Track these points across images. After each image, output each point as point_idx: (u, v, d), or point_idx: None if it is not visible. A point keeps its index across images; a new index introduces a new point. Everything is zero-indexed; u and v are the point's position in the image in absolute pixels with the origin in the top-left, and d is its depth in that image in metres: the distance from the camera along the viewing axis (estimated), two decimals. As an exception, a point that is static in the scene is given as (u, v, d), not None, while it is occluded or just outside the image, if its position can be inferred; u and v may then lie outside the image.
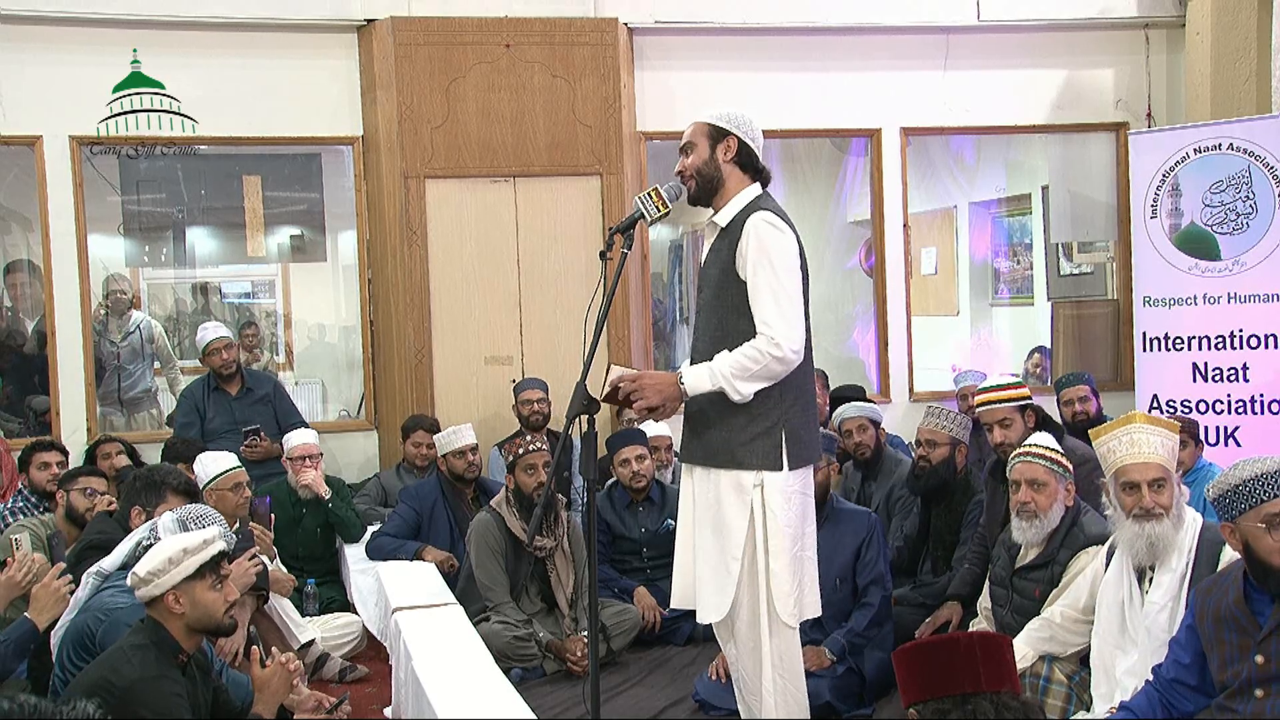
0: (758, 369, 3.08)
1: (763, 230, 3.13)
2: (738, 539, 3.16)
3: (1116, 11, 7.19)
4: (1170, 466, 3.26)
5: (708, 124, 3.28)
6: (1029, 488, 3.75)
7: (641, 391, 3.17)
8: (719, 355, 3.13)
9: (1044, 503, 3.72)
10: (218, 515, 3.61)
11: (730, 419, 3.17)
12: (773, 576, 3.16)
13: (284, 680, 3.32)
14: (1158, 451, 3.25)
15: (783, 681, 3.21)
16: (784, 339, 3.07)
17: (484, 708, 3.22)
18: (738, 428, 3.17)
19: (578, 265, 6.49)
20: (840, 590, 4.29)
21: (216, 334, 6.11)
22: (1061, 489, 3.76)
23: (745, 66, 6.94)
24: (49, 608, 3.43)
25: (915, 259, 7.98)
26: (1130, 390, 6.55)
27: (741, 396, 3.10)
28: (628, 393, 3.18)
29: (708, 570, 3.22)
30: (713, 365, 3.13)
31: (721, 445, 3.19)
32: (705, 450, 3.24)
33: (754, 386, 3.10)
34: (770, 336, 3.07)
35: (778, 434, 3.17)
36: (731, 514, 3.17)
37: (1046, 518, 3.73)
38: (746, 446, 3.16)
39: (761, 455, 3.16)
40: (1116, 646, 3.28)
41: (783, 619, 3.17)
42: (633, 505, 5.33)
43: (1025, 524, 3.76)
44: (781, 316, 3.08)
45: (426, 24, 6.36)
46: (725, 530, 3.18)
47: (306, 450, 5.59)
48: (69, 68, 6.21)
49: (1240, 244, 6.03)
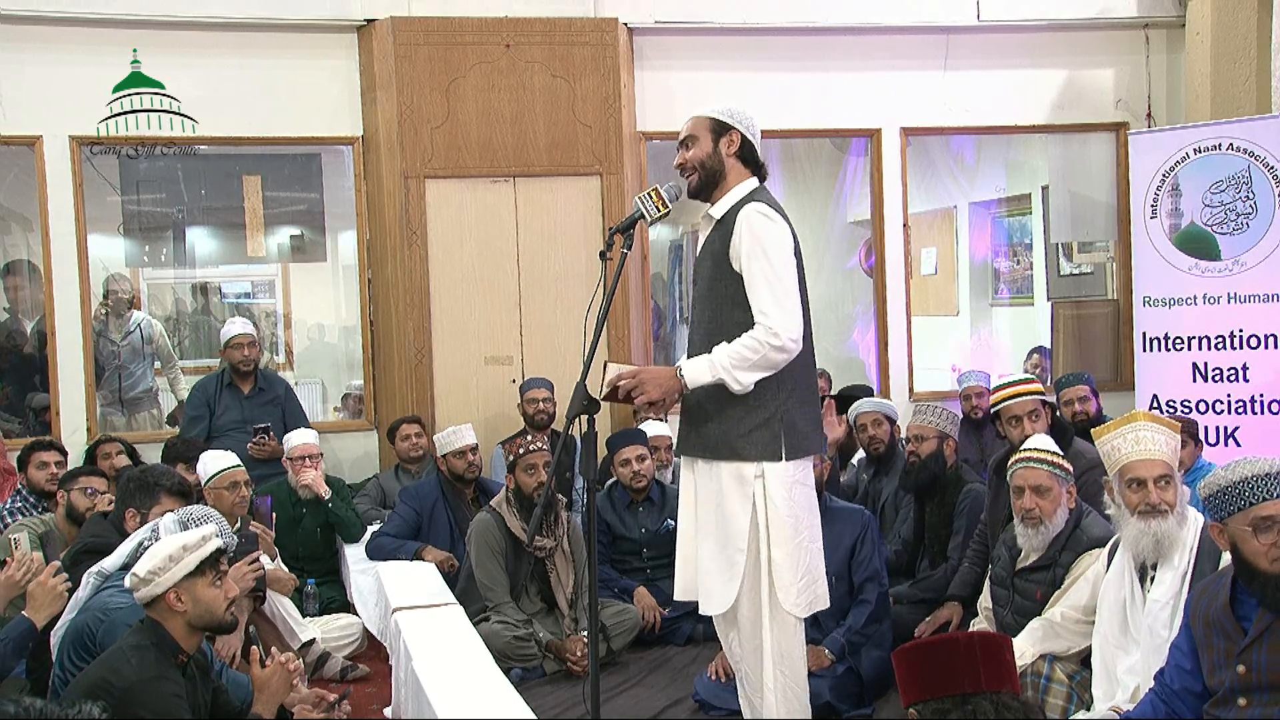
0: (757, 358, 3.08)
1: (755, 221, 3.14)
2: (741, 530, 3.17)
3: (1116, 11, 7.19)
4: (1174, 464, 3.27)
5: (710, 118, 3.29)
6: (1033, 494, 3.71)
7: (642, 387, 3.16)
8: (718, 347, 3.13)
9: (1048, 508, 3.69)
10: (219, 516, 3.61)
11: (728, 411, 3.18)
12: (774, 566, 3.17)
13: (283, 680, 3.31)
14: (1162, 449, 3.25)
15: (784, 677, 3.21)
16: (782, 328, 3.07)
17: (484, 708, 3.22)
18: (736, 419, 3.17)
19: (578, 265, 6.49)
20: (836, 589, 4.27)
21: (242, 329, 6.17)
22: (1064, 492, 3.75)
23: (745, 66, 6.94)
24: (46, 605, 3.43)
25: (915, 259, 7.98)
26: (1130, 390, 6.55)
27: (742, 387, 3.10)
28: (628, 389, 3.17)
29: (711, 562, 3.23)
30: (712, 357, 3.13)
31: (720, 438, 3.20)
32: (704, 443, 3.24)
33: (754, 376, 3.11)
34: (768, 326, 3.07)
35: (776, 425, 3.18)
36: (734, 506, 3.18)
37: (1051, 523, 3.70)
38: (745, 438, 3.17)
39: (761, 446, 3.17)
40: (1118, 646, 3.28)
41: (786, 609, 3.17)
42: (633, 505, 5.33)
43: (1031, 531, 3.72)
44: (779, 305, 3.08)
45: (426, 24, 6.36)
46: (728, 522, 3.19)
47: (307, 450, 5.60)
48: (69, 68, 6.21)
49: (1240, 244, 6.03)
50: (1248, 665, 2.72)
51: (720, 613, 3.26)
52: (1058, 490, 3.71)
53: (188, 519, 3.49)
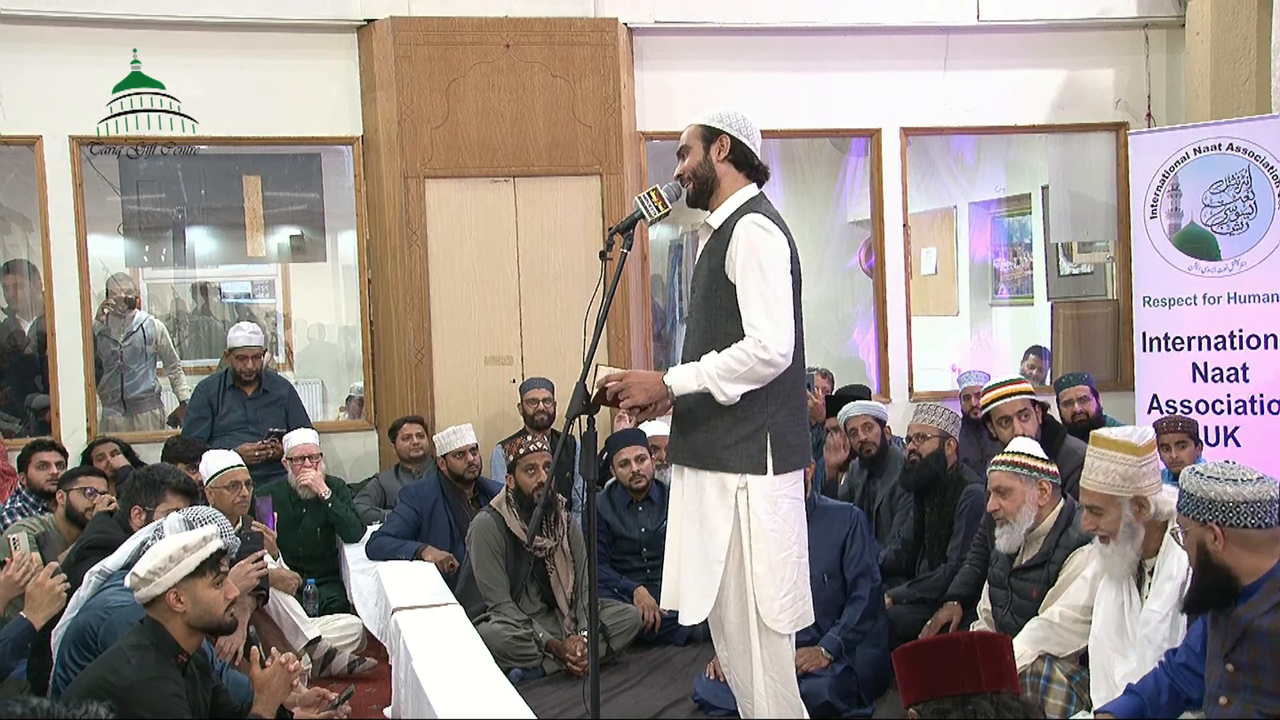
0: (744, 370, 3.07)
1: (753, 233, 3.12)
2: (721, 541, 3.16)
3: (1116, 11, 7.19)
4: (1117, 490, 3.25)
5: (700, 125, 3.29)
6: (996, 495, 3.86)
7: (628, 390, 3.16)
8: (706, 356, 3.13)
9: (1009, 507, 3.82)
10: (223, 518, 3.63)
11: (715, 421, 3.16)
12: (756, 580, 3.15)
13: (284, 680, 3.31)
14: (1099, 478, 3.28)
15: (775, 684, 3.20)
16: (771, 342, 3.05)
17: (484, 708, 3.22)
18: (722, 430, 3.16)
19: (578, 265, 6.49)
20: (829, 586, 4.29)
21: (248, 342, 6.17)
22: (1031, 491, 3.81)
23: (745, 66, 6.94)
24: (44, 606, 3.44)
25: (915, 259, 7.98)
26: (1130, 390, 6.55)
27: (727, 398, 3.09)
28: (614, 392, 3.18)
29: (691, 571, 3.22)
30: (699, 365, 3.12)
31: (706, 447, 3.19)
32: (691, 451, 3.24)
33: (740, 389, 3.09)
34: (757, 339, 3.06)
35: (763, 438, 3.15)
36: (715, 516, 3.17)
37: (1016, 521, 3.81)
38: (731, 449, 3.15)
39: (746, 458, 3.15)
40: (1114, 649, 3.28)
41: (769, 624, 3.16)
42: (632, 505, 5.33)
43: (1000, 530, 3.87)
44: (769, 319, 3.06)
45: (426, 24, 6.36)
46: (709, 532, 3.18)
47: (306, 450, 5.60)
48: (69, 68, 6.21)
49: (1240, 244, 6.03)
50: (1235, 665, 2.74)
51: (695, 623, 3.26)
52: (1020, 489, 3.81)
53: (193, 519, 3.50)
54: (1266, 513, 2.73)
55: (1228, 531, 2.75)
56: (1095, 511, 3.29)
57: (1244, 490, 2.74)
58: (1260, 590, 2.75)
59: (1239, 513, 2.74)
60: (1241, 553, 2.76)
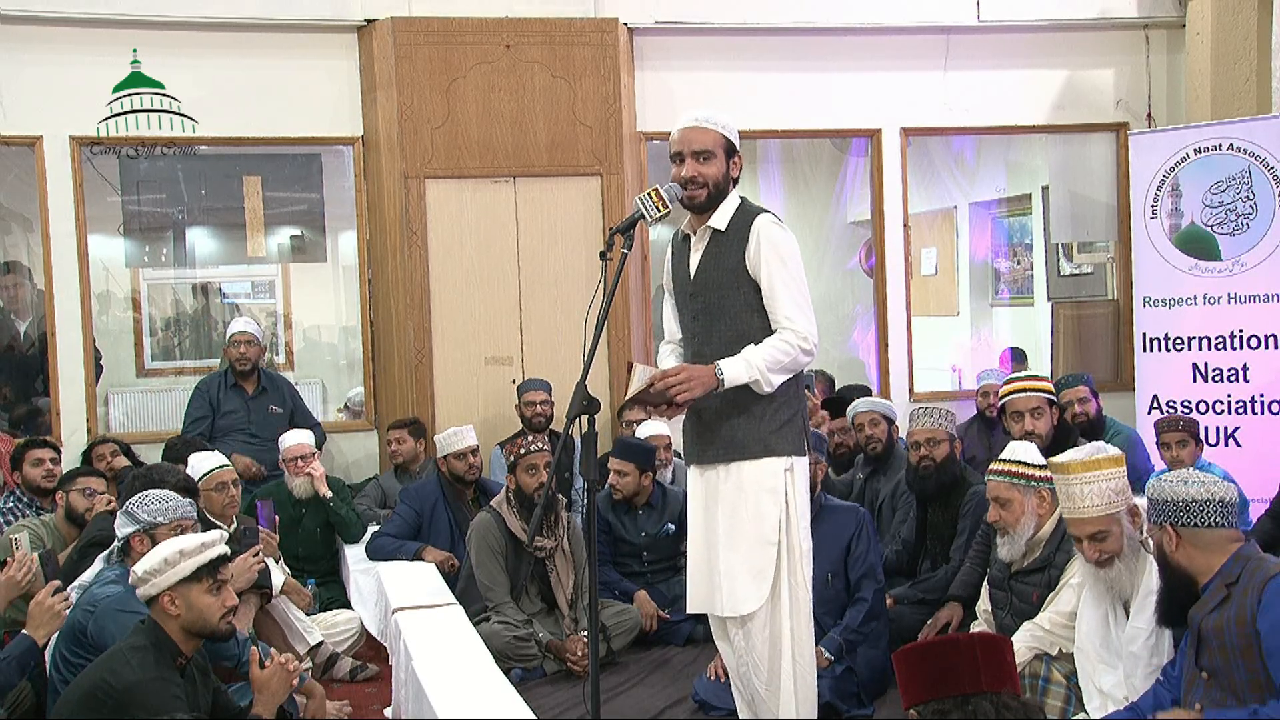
0: (788, 361, 3.20)
1: (773, 232, 3.27)
2: (772, 523, 3.25)
3: (1116, 12, 7.19)
4: (1116, 507, 3.25)
5: (724, 136, 3.31)
6: (996, 506, 3.84)
7: (689, 384, 3.14)
8: (747, 349, 3.21)
9: (1010, 519, 3.80)
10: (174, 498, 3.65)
11: (754, 409, 3.27)
12: (804, 557, 3.29)
13: (283, 681, 3.31)
14: (1094, 502, 3.24)
15: (799, 665, 3.27)
16: (808, 333, 3.22)
17: (484, 708, 3.22)
18: (767, 417, 3.27)
19: (578, 265, 6.49)
20: (833, 586, 4.29)
21: (243, 326, 6.23)
22: (1030, 501, 3.79)
23: (745, 66, 6.94)
24: (45, 624, 3.45)
25: (915, 259, 7.98)
26: (1130, 391, 6.55)
27: (772, 388, 3.22)
28: (668, 387, 3.15)
29: (739, 560, 3.25)
30: (748, 358, 3.20)
31: (752, 436, 3.27)
32: (730, 445, 3.28)
33: (783, 378, 3.23)
34: (795, 330, 3.21)
35: (798, 422, 3.34)
36: (764, 500, 3.26)
37: (1017, 532, 3.79)
38: (778, 433, 3.28)
39: (789, 441, 3.30)
40: (1100, 660, 3.30)
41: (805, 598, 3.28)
42: (633, 509, 5.32)
43: (1002, 539, 3.85)
44: (801, 311, 3.24)
45: (426, 24, 6.36)
46: (758, 516, 3.26)
47: (300, 451, 5.59)
48: (69, 68, 6.21)
49: (1240, 244, 6.03)
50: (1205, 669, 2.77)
51: (752, 610, 3.26)
52: (1019, 500, 3.79)
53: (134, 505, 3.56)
54: (1215, 512, 2.79)
55: (1181, 531, 2.82)
56: (1099, 538, 3.24)
57: (1193, 490, 2.81)
58: (1208, 590, 2.78)
59: (1189, 511, 2.81)
60: (1194, 552, 2.81)
